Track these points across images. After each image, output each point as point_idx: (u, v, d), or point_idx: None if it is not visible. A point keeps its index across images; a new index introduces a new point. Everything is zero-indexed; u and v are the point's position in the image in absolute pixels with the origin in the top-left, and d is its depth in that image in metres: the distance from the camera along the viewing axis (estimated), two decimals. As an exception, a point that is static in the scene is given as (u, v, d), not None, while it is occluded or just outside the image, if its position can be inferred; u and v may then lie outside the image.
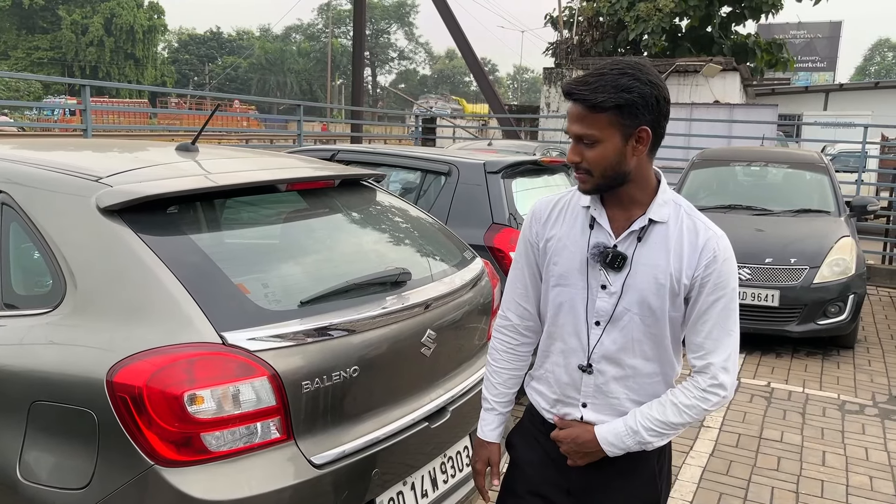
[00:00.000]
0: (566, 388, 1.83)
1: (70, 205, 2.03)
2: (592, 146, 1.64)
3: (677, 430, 1.74)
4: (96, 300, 1.90)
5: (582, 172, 1.68)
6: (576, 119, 1.65)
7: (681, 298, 1.71)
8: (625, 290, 1.71)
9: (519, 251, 1.91)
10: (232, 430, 1.80)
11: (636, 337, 1.73)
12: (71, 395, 1.79)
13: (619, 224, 1.73)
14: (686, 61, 15.49)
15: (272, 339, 1.88)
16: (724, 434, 4.38)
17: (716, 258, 1.68)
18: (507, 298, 1.94)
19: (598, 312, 1.75)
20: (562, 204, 1.84)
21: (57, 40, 54.87)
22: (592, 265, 1.74)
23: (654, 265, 1.69)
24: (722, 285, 1.69)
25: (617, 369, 1.76)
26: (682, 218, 1.72)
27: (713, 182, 7.63)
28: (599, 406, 1.80)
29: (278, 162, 2.71)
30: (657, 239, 1.71)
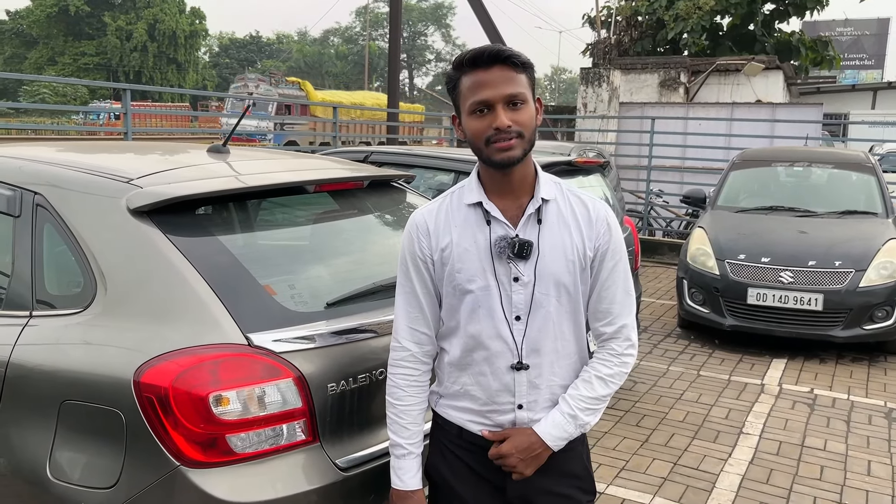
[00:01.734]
0: (497, 394, 1.76)
1: (101, 206, 2.05)
2: (521, 108, 1.64)
3: (606, 402, 1.79)
4: (125, 301, 1.91)
5: (513, 137, 1.63)
6: (504, 81, 1.63)
7: (587, 271, 1.75)
8: (538, 276, 1.70)
9: (405, 274, 1.79)
10: (257, 431, 1.80)
11: (556, 320, 1.74)
12: (99, 395, 1.80)
13: (512, 213, 1.72)
14: (727, 60, 15.20)
15: (298, 340, 1.87)
16: (764, 441, 4.26)
17: (609, 225, 1.75)
18: (401, 327, 1.80)
19: (517, 306, 1.72)
20: (444, 210, 1.78)
21: (102, 46, 56.19)
22: (499, 260, 1.71)
23: (560, 244, 1.72)
24: (618, 250, 1.76)
25: (545, 358, 1.75)
26: (566, 194, 1.77)
27: (754, 183, 7.46)
28: (534, 403, 1.76)
29: (308, 163, 2.71)
30: (553, 218, 1.73)
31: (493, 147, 1.64)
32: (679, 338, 6.37)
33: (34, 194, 2.14)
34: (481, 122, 1.64)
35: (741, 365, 5.69)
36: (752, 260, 5.95)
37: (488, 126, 1.63)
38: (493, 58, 1.63)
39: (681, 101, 14.29)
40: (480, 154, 1.68)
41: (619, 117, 12.87)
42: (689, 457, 4.04)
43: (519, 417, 1.77)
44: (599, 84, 14.15)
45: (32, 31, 56.10)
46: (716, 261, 6.09)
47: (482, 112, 1.64)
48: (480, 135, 1.65)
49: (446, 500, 1.86)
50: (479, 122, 1.65)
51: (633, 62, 15.26)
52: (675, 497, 3.59)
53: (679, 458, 4.01)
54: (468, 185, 1.77)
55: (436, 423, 1.89)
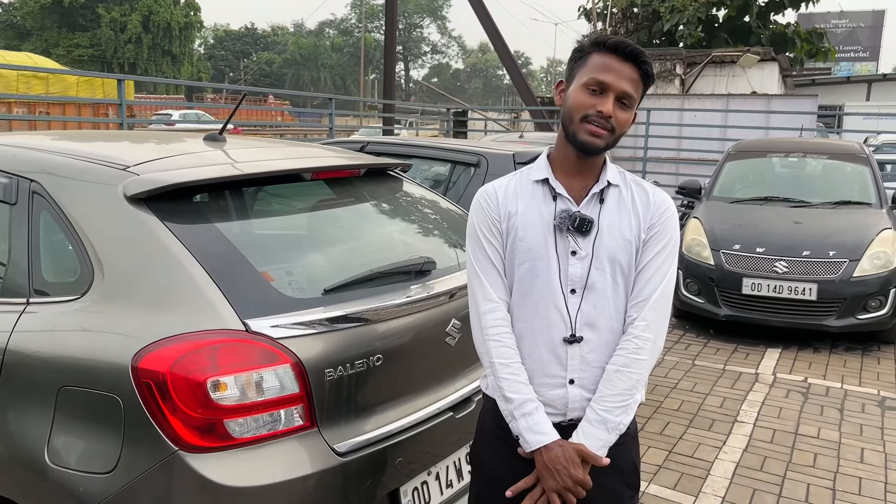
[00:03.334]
0: (549, 366, 1.77)
1: (98, 193, 2.05)
2: (627, 109, 1.72)
3: (634, 395, 1.75)
4: (123, 287, 1.91)
5: (607, 129, 1.70)
6: (628, 79, 1.70)
7: (640, 252, 1.78)
8: (595, 251, 1.75)
9: (478, 242, 1.81)
10: (255, 416, 1.81)
11: (612, 298, 1.76)
12: (97, 381, 1.81)
13: (577, 192, 1.79)
14: (723, 52, 15.21)
15: (295, 326, 1.88)
16: (758, 429, 4.29)
17: (666, 210, 1.80)
18: (487, 291, 1.79)
19: (573, 279, 1.75)
20: (512, 185, 1.84)
21: (97, 38, 55.88)
22: (560, 233, 1.76)
23: (619, 223, 1.77)
24: (670, 237, 1.79)
25: (598, 335, 1.76)
26: (628, 182, 1.83)
27: (749, 174, 7.48)
28: (586, 380, 1.77)
29: (304, 151, 2.72)
30: (615, 200, 1.79)
31: (586, 126, 1.69)
32: (674, 328, 6.39)
33: (31, 182, 2.13)
34: (590, 98, 1.69)
35: (736, 354, 5.72)
36: (746, 250, 5.97)
37: (593, 105, 1.68)
38: (632, 54, 1.69)
39: (676, 92, 14.29)
40: (569, 127, 1.73)
41: (614, 109, 12.82)
42: (683, 445, 4.07)
43: (571, 394, 1.76)
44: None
45: (26, 23, 55.73)
46: (711, 251, 6.11)
47: (595, 91, 1.69)
48: (581, 109, 1.69)
49: (490, 487, 1.84)
50: (587, 98, 1.69)
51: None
52: (669, 484, 3.61)
53: (674, 447, 4.04)
54: (537, 165, 1.84)
55: (484, 407, 1.91)
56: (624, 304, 1.78)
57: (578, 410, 1.77)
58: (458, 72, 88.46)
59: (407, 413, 2.13)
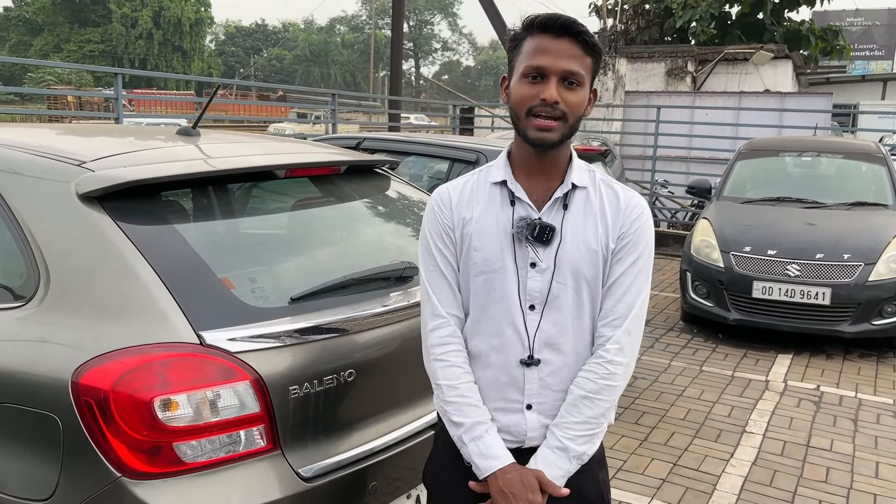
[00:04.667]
0: (505, 390, 1.61)
1: (49, 190, 1.89)
2: (575, 89, 1.52)
3: (602, 424, 1.60)
4: (69, 294, 1.75)
5: (555, 118, 1.51)
6: (568, 55, 1.50)
7: (609, 264, 1.61)
8: (557, 263, 1.57)
9: (429, 251, 1.65)
10: (210, 438, 1.64)
11: (576, 315, 1.59)
12: (36, 398, 1.65)
13: (539, 196, 1.60)
14: (735, 49, 14.94)
15: (256, 339, 1.71)
16: (767, 441, 4.10)
17: (639, 216, 1.62)
18: (436, 307, 1.63)
19: (532, 294, 1.58)
20: (469, 186, 1.66)
21: (108, 33, 56.02)
22: (518, 243, 1.57)
23: (584, 232, 1.59)
24: (643, 247, 1.62)
25: (560, 357, 1.59)
26: (598, 183, 1.64)
27: (761, 173, 7.26)
28: (545, 406, 1.60)
29: (282, 147, 2.54)
30: (581, 205, 1.61)
31: (532, 121, 1.52)
32: (682, 332, 6.20)
33: None
34: (531, 88, 1.51)
35: (745, 360, 5.52)
36: (757, 252, 5.77)
37: (535, 95, 1.50)
38: (565, 28, 1.50)
39: (688, 90, 14.05)
40: (517, 124, 1.55)
41: (624, 106, 12.65)
42: (689, 457, 3.88)
43: (529, 420, 1.60)
44: (605, 72, 13.89)
45: (38, 18, 55.93)
46: (720, 253, 5.91)
47: (534, 79, 1.51)
48: (524, 102, 1.52)
49: None
50: (527, 89, 1.52)
51: (640, 51, 15.02)
52: (673, 500, 3.43)
53: (679, 459, 3.85)
54: (496, 164, 1.66)
55: (438, 425, 1.74)
56: (590, 322, 1.61)
57: (537, 438, 1.61)
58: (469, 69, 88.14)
59: (383, 433, 1.96)
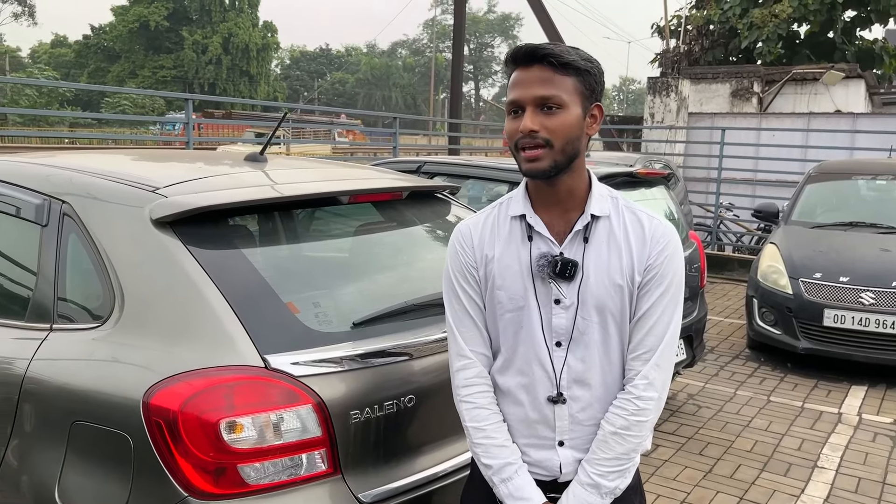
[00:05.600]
0: (536, 426, 1.59)
1: (124, 216, 1.97)
2: (555, 113, 1.48)
3: (633, 458, 1.57)
4: (142, 316, 1.81)
5: (539, 147, 1.48)
6: (538, 81, 1.48)
7: (635, 297, 1.56)
8: (581, 299, 1.54)
9: (453, 290, 1.65)
10: (273, 461, 1.67)
11: (603, 350, 1.56)
12: (109, 417, 1.70)
13: (559, 229, 1.57)
14: (804, 69, 14.55)
15: (319, 363, 1.74)
16: (841, 477, 3.92)
17: (666, 246, 1.56)
18: (462, 346, 1.64)
19: (557, 331, 1.55)
20: (490, 221, 1.64)
21: (179, 59, 58.21)
22: (540, 280, 1.54)
23: (607, 265, 1.55)
24: (671, 277, 1.56)
25: (589, 392, 1.56)
26: (621, 211, 1.59)
27: (832, 197, 7.03)
28: (577, 441, 1.58)
29: (346, 173, 2.59)
30: (603, 236, 1.56)
31: (522, 154, 1.51)
32: (748, 360, 6.01)
33: (62, 203, 2.07)
34: (513, 123, 1.52)
35: (816, 391, 5.31)
36: (829, 279, 5.56)
37: (517, 129, 1.50)
38: (528, 56, 1.50)
39: (753, 111, 13.73)
40: (516, 160, 1.54)
41: (687, 128, 12.44)
42: (756, 491, 3.75)
43: (562, 456, 1.59)
44: (667, 94, 13.72)
45: (115, 46, 58.55)
46: (789, 279, 5.73)
47: (515, 114, 1.51)
48: (511, 138, 1.53)
49: None
50: (511, 124, 1.52)
51: (704, 71, 14.77)
52: (740, 536, 3.32)
53: (746, 493, 3.72)
54: (515, 196, 1.63)
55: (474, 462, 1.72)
56: (619, 356, 1.58)
57: (572, 473, 1.59)
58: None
59: (441, 459, 1.96)
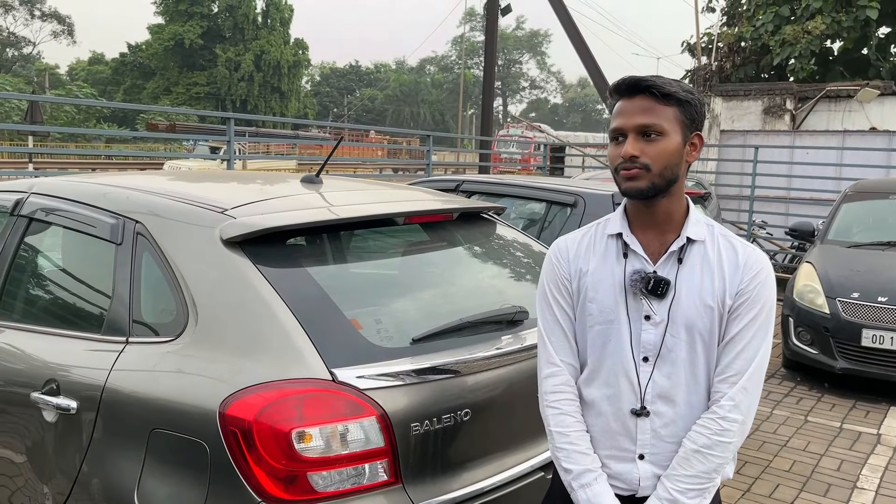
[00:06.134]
0: (617, 438, 1.65)
1: (196, 236, 2.09)
2: (656, 140, 1.57)
3: (714, 479, 1.59)
4: (214, 331, 1.92)
5: (638, 168, 1.56)
6: (640, 110, 1.57)
7: (725, 321, 1.61)
8: (671, 317, 1.60)
9: (546, 301, 1.73)
10: (339, 470, 1.76)
11: (689, 369, 1.61)
12: (186, 425, 1.81)
13: (654, 249, 1.64)
14: (838, 86, 14.45)
15: (382, 377, 1.83)
16: (881, 498, 3.91)
17: (759, 273, 1.61)
18: (551, 354, 1.71)
19: (645, 346, 1.61)
20: (587, 238, 1.73)
21: (213, 76, 59.28)
22: (632, 296, 1.61)
23: (699, 287, 1.60)
24: (763, 303, 1.61)
25: (673, 409, 1.61)
26: (716, 237, 1.65)
27: (869, 216, 6.99)
28: (658, 456, 1.62)
29: (398, 194, 2.70)
30: (697, 260, 1.62)
31: (621, 175, 1.60)
32: (784, 379, 5.99)
33: (135, 223, 2.20)
34: (615, 149, 1.61)
35: (854, 412, 5.28)
36: (867, 299, 5.54)
37: (618, 155, 1.59)
38: (631, 87, 1.60)
39: (786, 128, 13.66)
40: (616, 182, 1.64)
41: (720, 146, 12.41)
42: (795, 511, 3.75)
43: (642, 470, 1.64)
44: (699, 111, 13.68)
45: (150, 63, 59.82)
46: (826, 298, 5.71)
47: (618, 140, 1.61)
48: (613, 162, 1.62)
49: None
50: (613, 150, 1.62)
51: (735, 88, 14.74)
52: (780, 555, 3.33)
53: (785, 512, 3.73)
54: (613, 217, 1.72)
55: (555, 469, 1.79)
56: (705, 376, 1.62)
57: (650, 488, 1.63)
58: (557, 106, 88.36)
59: (496, 471, 2.03)
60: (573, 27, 16.30)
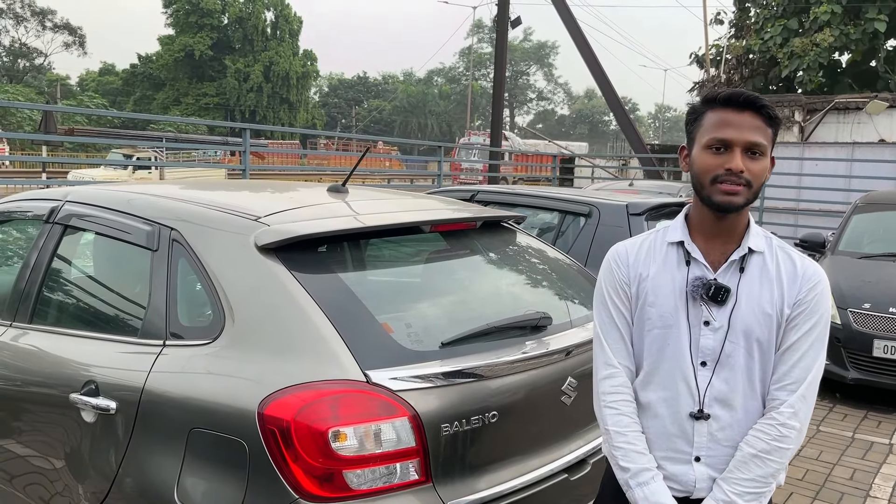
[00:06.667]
0: (674, 440, 1.68)
1: (232, 242, 2.16)
2: (758, 159, 1.62)
3: (770, 484, 1.63)
4: (251, 334, 1.99)
5: (741, 184, 1.60)
6: (752, 128, 1.61)
7: (783, 329, 1.66)
8: (731, 324, 1.64)
9: (604, 304, 1.77)
10: (372, 468, 1.82)
11: (746, 375, 1.65)
12: (225, 425, 1.87)
13: (714, 258, 1.69)
14: (847, 98, 14.51)
15: (413, 379, 1.90)
16: (894, 507, 3.94)
17: (816, 285, 1.66)
18: (608, 356, 1.75)
19: (704, 351, 1.66)
20: (646, 245, 1.77)
21: (222, 87, 59.73)
22: (693, 301, 1.66)
23: (759, 296, 1.65)
24: (820, 314, 1.66)
25: (730, 413, 1.65)
26: (774, 249, 1.71)
27: (879, 228, 7.02)
28: (714, 459, 1.66)
29: (422, 203, 2.77)
30: (757, 270, 1.67)
31: (718, 187, 1.61)
32: (795, 389, 6.01)
33: (171, 230, 2.27)
34: (715, 159, 1.62)
35: (866, 422, 5.30)
36: (878, 310, 5.57)
37: (720, 165, 1.61)
38: (748, 102, 1.62)
39: (795, 140, 13.72)
40: (701, 191, 1.65)
41: (728, 157, 12.43)
42: (809, 519, 3.79)
43: (698, 472, 1.67)
44: (708, 123, 13.74)
45: (160, 74, 60.31)
46: (837, 309, 5.74)
47: (718, 150, 1.62)
48: (709, 171, 1.62)
49: None
50: (712, 159, 1.62)
51: (744, 100, 14.78)
52: (794, 562, 3.36)
53: (798, 520, 3.76)
54: (674, 225, 1.76)
55: (606, 472, 1.84)
56: (760, 384, 1.66)
57: (705, 490, 1.67)
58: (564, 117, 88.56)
59: (521, 472, 2.09)
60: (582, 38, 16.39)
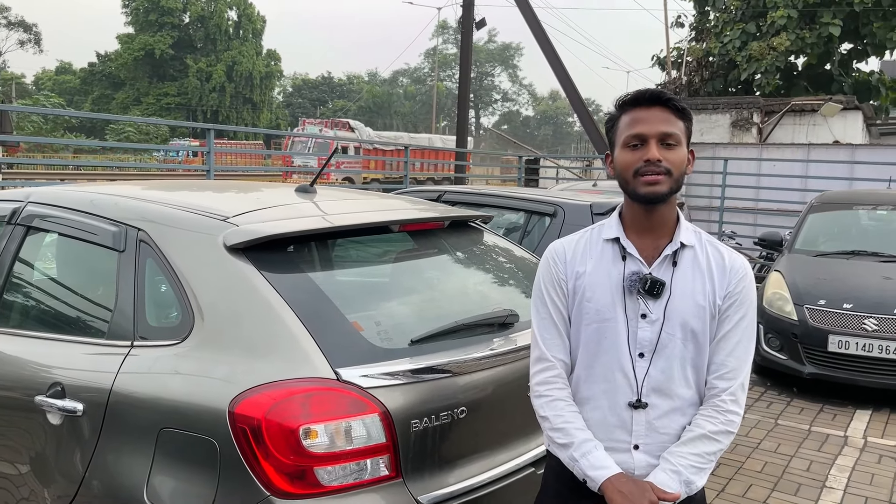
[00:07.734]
0: (613, 430, 1.75)
1: (200, 242, 2.16)
2: (674, 148, 1.70)
3: (711, 462, 1.72)
4: (221, 333, 2.00)
5: (661, 173, 1.68)
6: (662, 120, 1.70)
7: (716, 320, 1.74)
8: (667, 316, 1.72)
9: (542, 300, 1.83)
10: (343, 465, 1.84)
11: (681, 365, 1.73)
12: (195, 424, 1.88)
13: (649, 253, 1.76)
14: (803, 100, 14.88)
15: (383, 376, 1.92)
16: (849, 497, 4.07)
17: (744, 276, 1.76)
18: (543, 350, 1.82)
19: (641, 343, 1.73)
20: (583, 242, 1.84)
21: (183, 87, 58.93)
22: (629, 295, 1.73)
23: (692, 288, 1.73)
24: (748, 304, 1.75)
25: (667, 401, 1.73)
26: (704, 243, 1.79)
27: (834, 226, 7.24)
28: (651, 446, 1.74)
29: (390, 203, 2.80)
30: (689, 263, 1.75)
31: (640, 180, 1.69)
32: (754, 384, 6.16)
33: (138, 230, 2.26)
34: (633, 154, 1.70)
35: (822, 415, 5.46)
36: (832, 306, 5.75)
37: (639, 159, 1.69)
38: (654, 98, 1.72)
39: (754, 141, 14.02)
40: (626, 187, 1.73)
41: (689, 158, 12.65)
42: (768, 510, 3.89)
43: (637, 459, 1.74)
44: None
45: (120, 74, 59.25)
46: (794, 306, 5.91)
47: (635, 146, 1.71)
48: (629, 167, 1.71)
49: None
50: (630, 155, 1.71)
51: (704, 102, 15.10)
52: (754, 551, 3.46)
53: (758, 511, 3.87)
54: (608, 222, 1.83)
55: (547, 464, 1.90)
56: (694, 372, 1.75)
57: (644, 477, 1.73)
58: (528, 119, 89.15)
59: (489, 467, 2.13)
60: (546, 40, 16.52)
